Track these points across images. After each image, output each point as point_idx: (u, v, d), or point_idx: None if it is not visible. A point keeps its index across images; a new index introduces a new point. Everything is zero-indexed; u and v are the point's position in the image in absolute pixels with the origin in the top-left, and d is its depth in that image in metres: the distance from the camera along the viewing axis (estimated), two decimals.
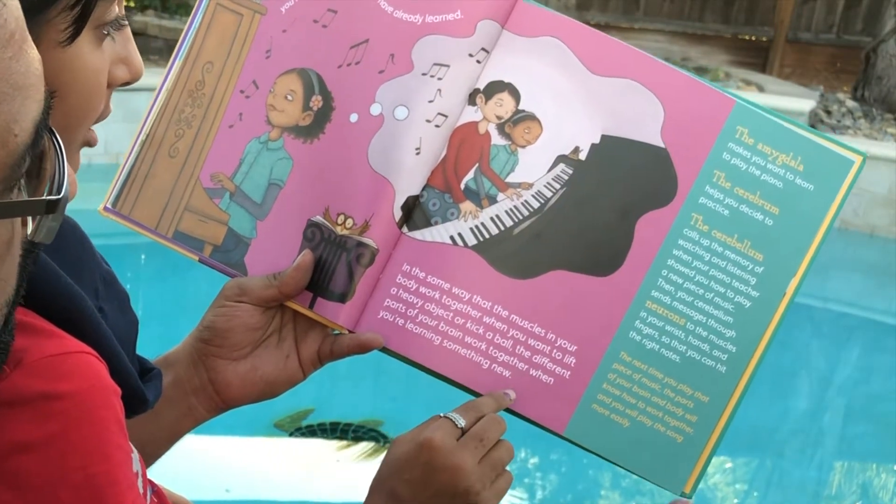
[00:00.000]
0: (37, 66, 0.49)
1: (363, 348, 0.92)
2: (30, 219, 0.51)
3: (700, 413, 0.89)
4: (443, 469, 0.85)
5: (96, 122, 0.76)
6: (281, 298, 0.91)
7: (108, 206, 0.97)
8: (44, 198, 0.49)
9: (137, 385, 0.71)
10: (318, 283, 0.94)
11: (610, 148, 0.92)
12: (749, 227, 0.90)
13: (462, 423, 0.87)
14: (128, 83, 0.76)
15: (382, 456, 0.89)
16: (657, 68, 0.93)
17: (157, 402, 0.91)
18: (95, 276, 0.74)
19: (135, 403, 0.70)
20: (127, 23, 0.74)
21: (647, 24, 9.21)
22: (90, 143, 0.77)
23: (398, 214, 0.94)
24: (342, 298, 0.93)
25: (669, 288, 0.90)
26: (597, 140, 0.92)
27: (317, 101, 0.95)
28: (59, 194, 0.49)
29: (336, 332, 0.95)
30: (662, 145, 0.91)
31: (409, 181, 0.93)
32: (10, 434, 0.59)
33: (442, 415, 0.88)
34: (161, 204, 0.98)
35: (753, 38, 9.00)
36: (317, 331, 0.94)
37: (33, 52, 0.49)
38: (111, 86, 0.75)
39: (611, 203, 0.91)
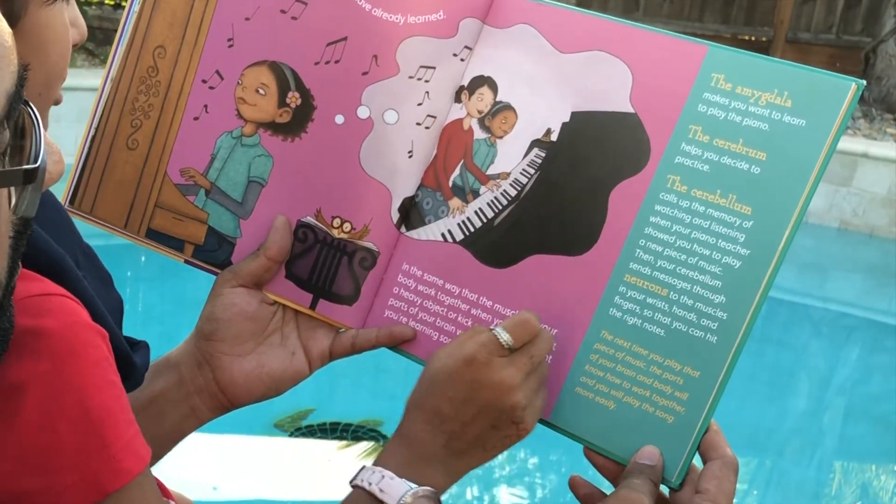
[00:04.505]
0: (6, 39, 0.49)
1: (394, 339, 0.93)
2: (13, 195, 0.51)
3: (691, 390, 0.83)
4: (490, 386, 0.82)
5: None
6: (270, 265, 0.92)
7: (67, 205, 0.93)
8: (20, 167, 0.50)
9: (121, 344, 0.72)
10: (318, 285, 0.94)
11: (579, 124, 0.89)
12: (733, 179, 0.83)
13: (506, 337, 0.83)
14: (77, 44, 0.78)
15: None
16: (623, 33, 0.89)
17: (161, 403, 0.92)
18: (75, 245, 0.75)
19: (120, 365, 0.70)
20: None
21: (647, 24, 9.19)
22: (58, 102, 0.78)
23: (396, 216, 0.94)
24: (349, 301, 0.94)
25: (648, 258, 0.86)
26: (567, 119, 0.90)
27: (294, 98, 0.93)
28: (35, 163, 0.50)
29: (343, 329, 0.95)
30: (632, 110, 0.87)
31: (404, 184, 0.94)
32: (4, 376, 0.59)
33: (488, 328, 0.84)
34: (126, 200, 0.94)
35: (753, 39, 9.00)
36: (325, 328, 0.95)
37: (2, 26, 0.50)
38: None
39: (582, 179, 0.88)
